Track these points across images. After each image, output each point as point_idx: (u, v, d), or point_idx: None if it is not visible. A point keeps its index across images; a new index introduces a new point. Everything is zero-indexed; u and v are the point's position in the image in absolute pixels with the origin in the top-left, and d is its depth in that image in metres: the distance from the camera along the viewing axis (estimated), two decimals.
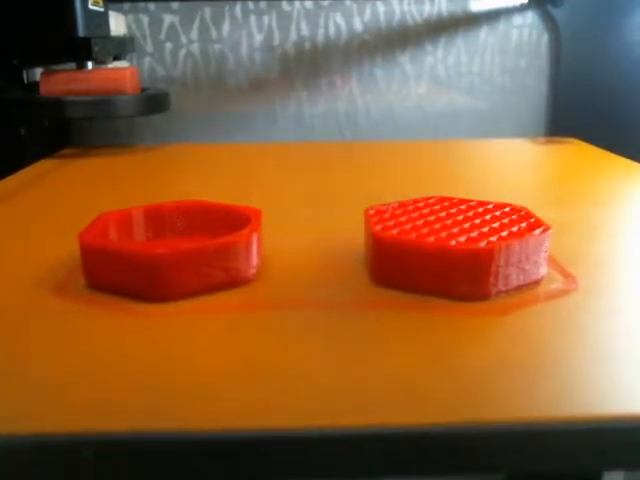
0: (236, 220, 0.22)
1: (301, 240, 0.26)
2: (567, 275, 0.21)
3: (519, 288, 0.20)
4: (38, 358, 0.16)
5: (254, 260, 0.20)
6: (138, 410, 0.14)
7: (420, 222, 0.21)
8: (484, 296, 0.19)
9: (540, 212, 0.22)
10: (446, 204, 0.23)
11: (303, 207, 0.32)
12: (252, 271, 0.21)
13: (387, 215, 0.22)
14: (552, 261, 0.22)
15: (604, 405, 0.14)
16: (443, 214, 0.22)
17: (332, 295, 0.20)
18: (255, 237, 0.20)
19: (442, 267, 0.19)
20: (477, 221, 0.21)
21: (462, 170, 0.41)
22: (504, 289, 0.19)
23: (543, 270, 0.21)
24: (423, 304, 0.19)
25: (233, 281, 0.20)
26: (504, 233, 0.20)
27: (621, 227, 0.28)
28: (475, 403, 0.14)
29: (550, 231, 0.20)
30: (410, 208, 0.23)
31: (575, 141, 0.49)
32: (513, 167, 0.43)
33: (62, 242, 0.24)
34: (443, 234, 0.20)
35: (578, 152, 0.46)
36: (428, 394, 0.15)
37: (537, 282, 0.20)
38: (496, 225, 0.21)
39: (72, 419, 0.14)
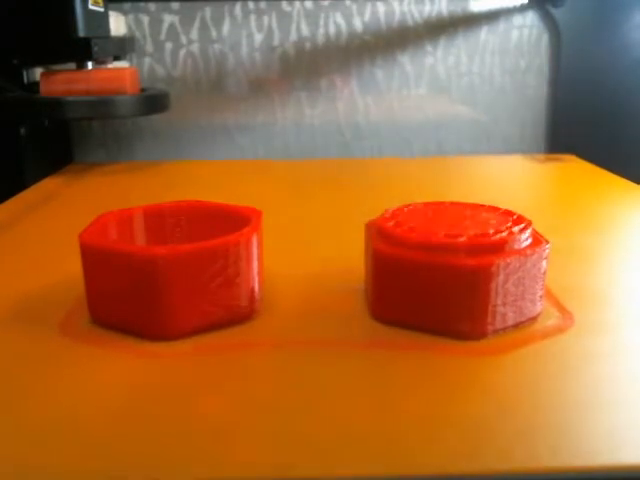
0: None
1: (302, 267, 0.26)
2: (563, 310, 0.21)
3: (516, 326, 0.20)
4: (38, 400, 0.16)
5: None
6: (141, 460, 0.14)
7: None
8: (482, 334, 0.19)
9: None
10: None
11: (303, 230, 0.31)
12: (255, 305, 0.21)
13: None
14: (548, 294, 0.22)
15: (603, 455, 0.14)
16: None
17: (333, 333, 0.20)
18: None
19: (442, 282, 0.19)
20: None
21: (457, 189, 0.41)
22: (501, 327, 0.19)
23: (539, 306, 0.20)
24: (421, 343, 0.19)
25: (236, 316, 0.20)
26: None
27: (620, 256, 0.28)
28: (473, 453, 0.14)
29: (549, 245, 0.20)
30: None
31: (573, 158, 0.49)
32: (509, 188, 0.42)
33: (68, 269, 0.23)
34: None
35: (576, 171, 0.46)
36: (425, 444, 0.14)
37: (533, 318, 0.20)
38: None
39: (75, 467, 0.14)
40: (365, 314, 0.21)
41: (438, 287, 0.19)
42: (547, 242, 0.20)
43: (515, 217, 0.21)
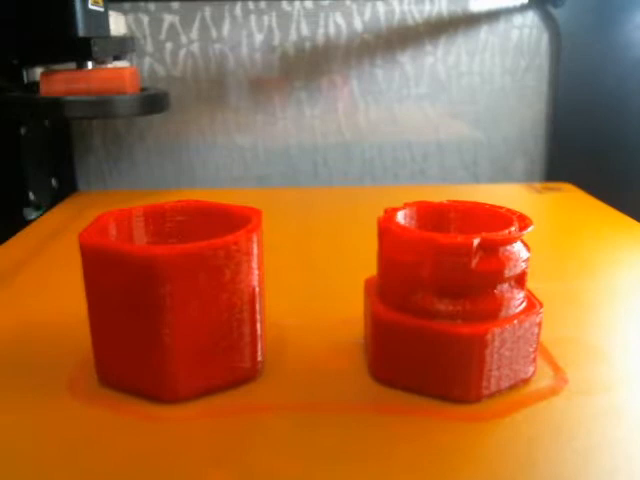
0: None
1: (304, 315, 0.26)
2: (557, 369, 0.21)
3: (511, 387, 0.20)
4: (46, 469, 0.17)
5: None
6: None
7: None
8: (477, 398, 0.19)
9: (529, 285, 0.21)
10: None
11: (305, 270, 0.31)
12: (258, 367, 0.21)
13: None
14: (542, 349, 0.22)
15: None
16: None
17: (333, 396, 0.20)
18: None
19: (438, 348, 0.19)
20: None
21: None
22: (496, 389, 0.20)
23: (533, 367, 0.20)
24: (418, 407, 0.19)
25: (241, 376, 0.20)
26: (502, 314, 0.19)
27: (617, 304, 0.27)
28: None
29: (542, 309, 0.20)
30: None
31: (571, 188, 0.48)
32: None
33: (77, 313, 0.23)
34: (440, 316, 0.19)
35: (574, 204, 0.45)
36: None
37: (527, 380, 0.20)
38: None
39: None
40: (365, 374, 0.21)
41: (434, 352, 0.19)
42: (541, 306, 0.20)
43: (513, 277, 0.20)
